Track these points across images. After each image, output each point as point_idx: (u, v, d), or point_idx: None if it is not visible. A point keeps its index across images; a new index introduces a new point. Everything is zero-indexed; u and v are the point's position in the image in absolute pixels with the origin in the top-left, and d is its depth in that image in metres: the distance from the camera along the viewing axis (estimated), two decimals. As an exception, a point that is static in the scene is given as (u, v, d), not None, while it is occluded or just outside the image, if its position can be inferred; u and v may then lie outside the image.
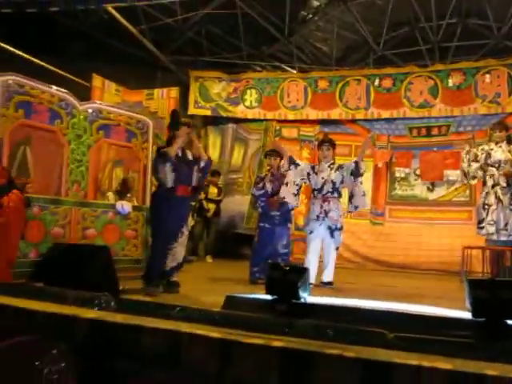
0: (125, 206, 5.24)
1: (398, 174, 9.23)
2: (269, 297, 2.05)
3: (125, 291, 3.60)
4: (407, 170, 9.15)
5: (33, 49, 7.70)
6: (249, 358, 1.61)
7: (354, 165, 5.59)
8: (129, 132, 5.59)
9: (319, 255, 5.73)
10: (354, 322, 1.86)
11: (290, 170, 5.72)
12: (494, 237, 6.65)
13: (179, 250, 4.55)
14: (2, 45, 7.52)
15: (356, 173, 5.58)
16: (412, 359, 1.50)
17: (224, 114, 9.78)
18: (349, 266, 8.38)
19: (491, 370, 1.42)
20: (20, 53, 7.69)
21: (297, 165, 5.76)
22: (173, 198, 4.42)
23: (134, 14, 8.64)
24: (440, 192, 8.92)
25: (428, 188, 9.02)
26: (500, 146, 6.84)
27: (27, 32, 7.58)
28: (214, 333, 1.69)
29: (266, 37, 10.06)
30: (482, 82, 8.31)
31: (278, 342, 1.61)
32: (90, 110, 5.35)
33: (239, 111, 9.66)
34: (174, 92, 9.20)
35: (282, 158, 5.95)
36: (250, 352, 1.61)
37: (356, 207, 5.75)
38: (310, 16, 10.16)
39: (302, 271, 1.96)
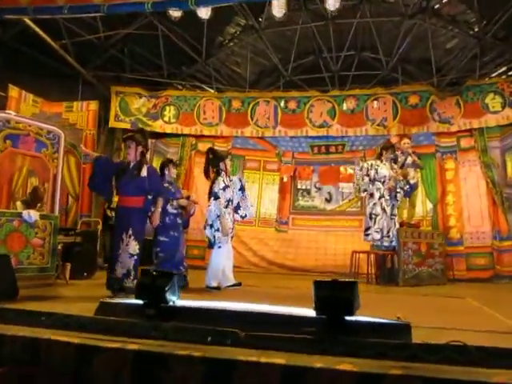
0: (32, 214, 4.92)
1: (300, 186, 9.53)
2: (140, 301, 2.00)
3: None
4: (308, 183, 9.46)
5: None
6: (104, 360, 1.55)
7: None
8: (39, 142, 5.26)
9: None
10: (215, 322, 1.85)
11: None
12: (379, 242, 7.07)
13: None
14: None
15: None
16: (253, 355, 1.52)
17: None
18: (256, 271, 8.47)
19: (318, 362, 1.47)
20: None
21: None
22: None
23: (56, 29, 8.25)
24: (336, 203, 9.31)
25: (326, 199, 9.38)
26: (385, 164, 7.31)
27: None
28: (74, 338, 1.62)
29: (185, 58, 10.03)
30: (372, 108, 8.81)
31: (133, 345, 1.57)
32: (-4, 119, 4.98)
33: (158, 126, 9.53)
34: (94, 105, 8.88)
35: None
36: (106, 355, 1.56)
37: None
38: (226, 41, 10.29)
39: (170, 276, 1.93)
